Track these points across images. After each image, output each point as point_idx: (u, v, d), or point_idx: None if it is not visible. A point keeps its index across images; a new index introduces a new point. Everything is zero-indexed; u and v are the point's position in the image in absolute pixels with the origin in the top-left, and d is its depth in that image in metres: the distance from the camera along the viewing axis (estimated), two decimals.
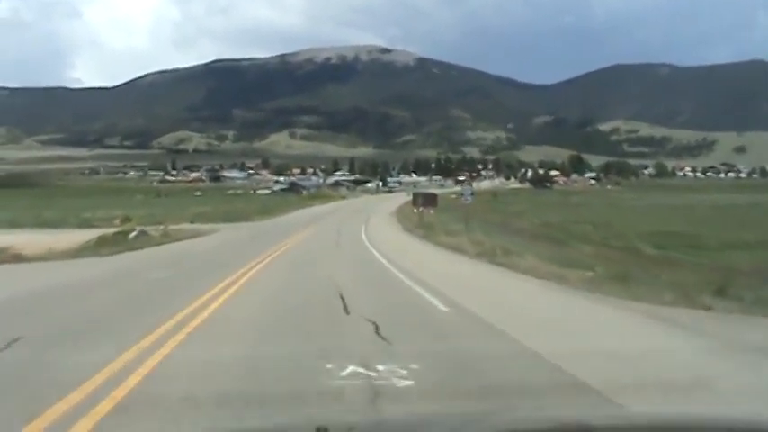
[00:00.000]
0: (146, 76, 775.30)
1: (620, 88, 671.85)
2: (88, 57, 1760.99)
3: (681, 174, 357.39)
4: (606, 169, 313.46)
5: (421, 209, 79.22)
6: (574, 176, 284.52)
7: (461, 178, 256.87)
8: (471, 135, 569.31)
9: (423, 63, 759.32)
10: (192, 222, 65.13)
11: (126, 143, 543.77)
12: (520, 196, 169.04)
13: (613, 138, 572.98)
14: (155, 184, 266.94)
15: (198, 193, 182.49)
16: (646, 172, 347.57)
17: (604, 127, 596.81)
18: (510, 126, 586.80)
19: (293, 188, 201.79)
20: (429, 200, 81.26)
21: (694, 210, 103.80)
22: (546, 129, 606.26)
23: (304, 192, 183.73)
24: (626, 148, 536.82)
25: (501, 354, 10.45)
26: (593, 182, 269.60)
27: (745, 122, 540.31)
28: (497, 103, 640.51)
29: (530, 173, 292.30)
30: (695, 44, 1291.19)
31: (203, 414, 7.54)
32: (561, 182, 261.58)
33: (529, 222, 79.09)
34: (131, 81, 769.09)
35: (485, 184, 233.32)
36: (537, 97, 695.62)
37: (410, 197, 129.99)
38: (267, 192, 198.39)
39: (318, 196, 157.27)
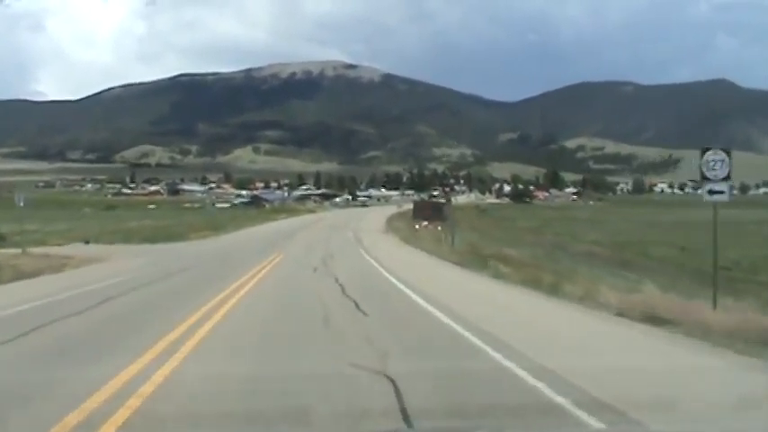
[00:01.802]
0: (110, 89, 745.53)
1: (585, 106, 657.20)
2: (52, 70, 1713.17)
3: (658, 190, 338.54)
4: (583, 185, 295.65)
5: (425, 224, 57.81)
6: (553, 191, 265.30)
7: (436, 193, 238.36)
8: (437, 151, 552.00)
9: (388, 79, 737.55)
10: (86, 243, 42.79)
11: (88, 156, 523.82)
12: (508, 210, 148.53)
13: (579, 155, 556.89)
14: (109, 196, 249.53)
15: (152, 207, 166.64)
16: (620, 187, 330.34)
17: (569, 144, 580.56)
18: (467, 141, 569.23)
19: (255, 202, 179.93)
20: (435, 212, 59.12)
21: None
22: (511, 145, 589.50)
23: (267, 205, 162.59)
24: (592, 164, 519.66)
25: None
26: (574, 197, 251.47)
27: (709, 140, 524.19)
28: (463, 120, 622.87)
29: (506, 188, 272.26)
30: (659, 63, 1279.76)
31: None
32: (541, 197, 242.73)
33: (580, 242, 56.54)
34: (95, 94, 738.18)
35: (461, 199, 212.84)
36: (502, 114, 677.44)
37: (393, 210, 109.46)
38: (227, 205, 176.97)
39: (283, 210, 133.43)
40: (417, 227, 56.86)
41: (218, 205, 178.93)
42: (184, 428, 7.15)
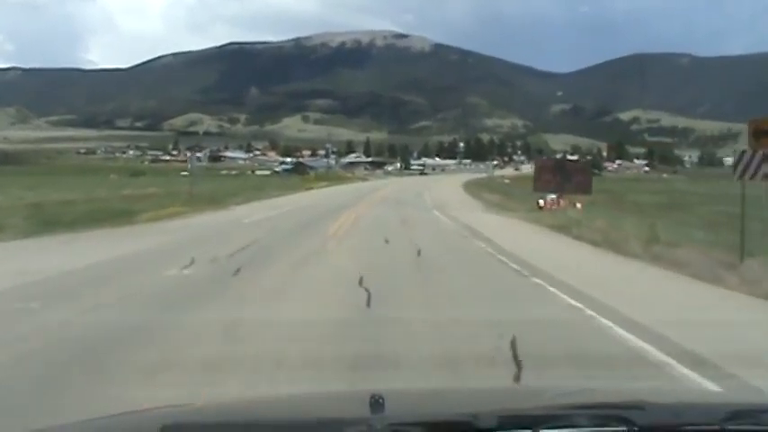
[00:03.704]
0: (159, 58, 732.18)
1: (639, 78, 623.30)
2: (102, 39, 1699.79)
3: (728, 162, 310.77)
4: (649, 156, 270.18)
5: (551, 197, 32.87)
6: (620, 163, 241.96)
7: (495, 162, 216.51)
8: (488, 122, 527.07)
9: (439, 49, 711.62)
10: None
11: (137, 125, 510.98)
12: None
13: (634, 127, 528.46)
14: (145, 163, 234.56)
15: (184, 173, 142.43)
16: (686, 160, 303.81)
17: (624, 116, 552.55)
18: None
19: (298, 168, 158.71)
20: (575, 179, 34.15)
21: None
22: (563, 117, 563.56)
23: (311, 173, 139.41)
24: (647, 137, 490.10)
25: None
26: (646, 169, 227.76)
27: None
28: (514, 91, 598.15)
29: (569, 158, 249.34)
30: (715, 35, 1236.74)
31: None
32: (611, 168, 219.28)
33: None
34: (145, 63, 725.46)
35: (525, 169, 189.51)
36: (554, 85, 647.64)
37: (464, 178, 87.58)
38: (267, 172, 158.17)
39: (328, 177, 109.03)
40: (542, 203, 32.28)
41: (258, 172, 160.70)
42: None
